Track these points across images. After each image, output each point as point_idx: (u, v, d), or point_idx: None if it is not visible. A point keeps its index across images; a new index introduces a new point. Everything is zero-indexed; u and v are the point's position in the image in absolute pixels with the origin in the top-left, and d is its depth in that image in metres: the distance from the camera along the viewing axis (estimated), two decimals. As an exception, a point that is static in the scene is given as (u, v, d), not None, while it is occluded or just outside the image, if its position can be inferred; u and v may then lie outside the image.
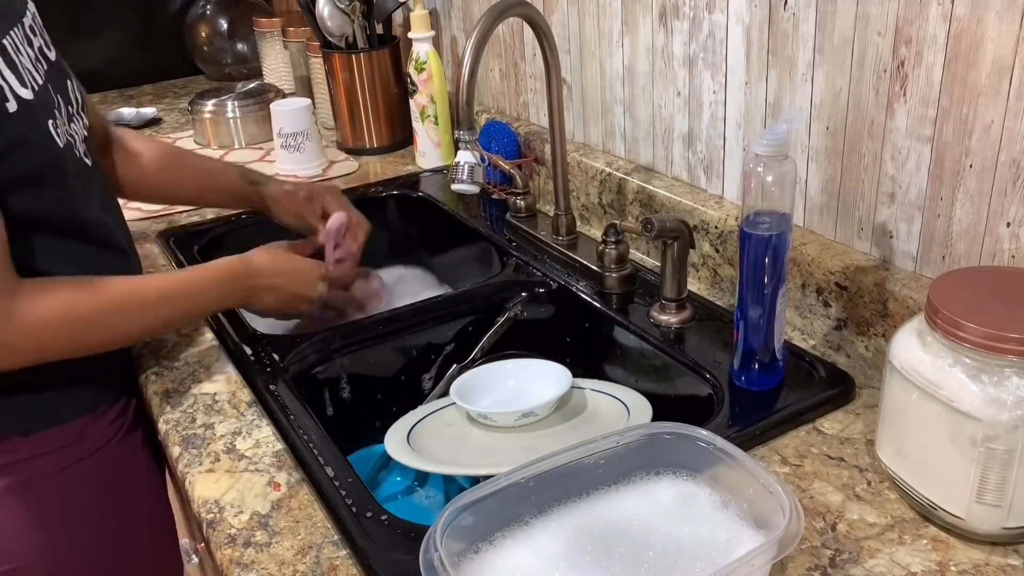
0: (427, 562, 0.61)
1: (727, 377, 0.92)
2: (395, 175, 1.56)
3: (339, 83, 1.62)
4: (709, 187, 1.13)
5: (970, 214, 0.83)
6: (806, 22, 0.93)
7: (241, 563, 0.73)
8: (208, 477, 0.84)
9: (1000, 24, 0.75)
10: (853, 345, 0.94)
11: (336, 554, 0.74)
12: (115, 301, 0.89)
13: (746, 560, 0.60)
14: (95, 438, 0.97)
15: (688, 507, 0.70)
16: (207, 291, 0.97)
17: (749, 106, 1.03)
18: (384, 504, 0.78)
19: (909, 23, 0.82)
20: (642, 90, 1.18)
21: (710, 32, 1.05)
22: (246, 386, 0.97)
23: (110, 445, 0.98)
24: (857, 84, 0.89)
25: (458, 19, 1.60)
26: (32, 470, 0.92)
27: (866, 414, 0.86)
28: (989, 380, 0.65)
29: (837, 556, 0.70)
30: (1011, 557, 0.69)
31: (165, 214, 1.41)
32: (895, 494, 0.76)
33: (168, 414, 0.94)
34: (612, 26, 1.20)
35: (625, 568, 0.65)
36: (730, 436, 0.79)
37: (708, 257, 1.10)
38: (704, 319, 1.03)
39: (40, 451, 0.92)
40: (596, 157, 1.27)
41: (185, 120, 1.92)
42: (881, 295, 0.89)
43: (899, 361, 0.71)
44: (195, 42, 2.20)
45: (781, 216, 0.83)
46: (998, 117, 0.78)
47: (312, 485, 0.81)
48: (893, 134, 0.87)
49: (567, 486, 0.71)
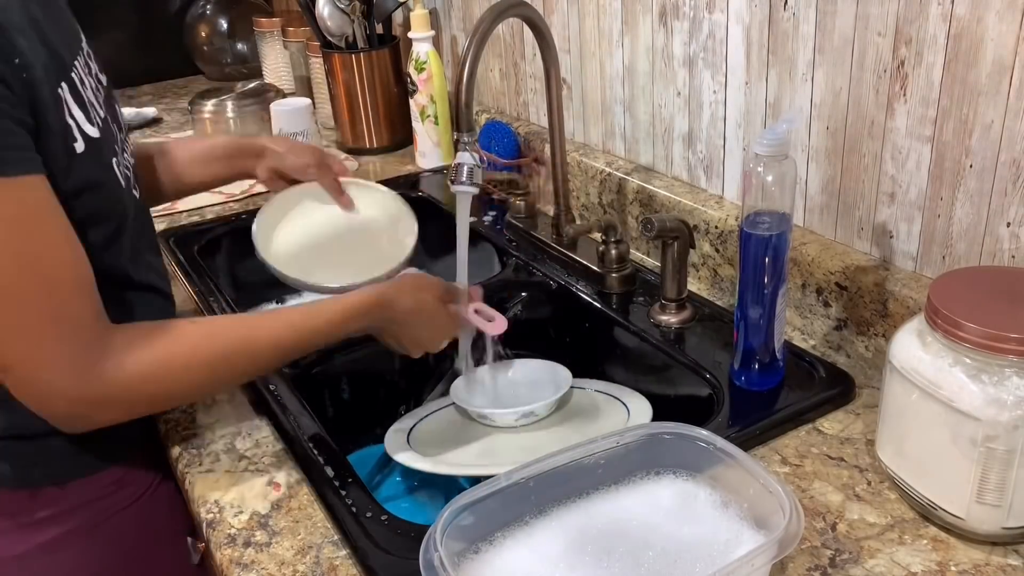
0: (427, 562, 0.61)
1: (727, 377, 0.92)
2: (395, 175, 1.56)
3: (339, 83, 1.62)
4: (709, 187, 1.13)
5: (970, 214, 0.82)
6: (806, 22, 0.93)
7: (241, 563, 0.73)
8: (208, 477, 0.84)
9: (1000, 24, 0.75)
10: (853, 345, 0.94)
11: (336, 554, 0.74)
12: (221, 352, 0.78)
13: (746, 560, 0.60)
14: (134, 486, 0.90)
15: (688, 507, 0.70)
16: (328, 332, 0.84)
17: (749, 106, 1.03)
18: (384, 504, 0.78)
19: (909, 23, 0.82)
20: (642, 90, 1.18)
21: (710, 32, 1.05)
22: (246, 386, 0.97)
23: (147, 494, 0.91)
24: (857, 84, 0.89)
25: (458, 19, 1.60)
26: (67, 524, 0.85)
27: (866, 414, 0.86)
28: (989, 380, 0.65)
29: (837, 556, 0.70)
30: (1011, 557, 0.69)
31: (165, 214, 1.42)
32: (895, 494, 0.76)
33: (168, 414, 0.94)
34: (612, 26, 1.20)
35: (625, 568, 0.65)
36: (730, 436, 0.79)
37: (708, 257, 1.10)
38: (704, 319, 1.03)
39: (77, 503, 0.85)
40: (596, 157, 1.27)
41: (185, 120, 1.92)
42: (881, 295, 0.89)
43: (899, 361, 0.71)
44: (195, 42, 2.20)
45: (781, 216, 0.83)
46: (998, 117, 0.78)
47: (312, 485, 0.81)
48: (893, 134, 0.87)
49: (567, 486, 0.71)
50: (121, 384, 0.72)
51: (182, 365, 0.75)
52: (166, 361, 0.74)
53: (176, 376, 0.76)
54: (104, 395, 0.72)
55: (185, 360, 0.76)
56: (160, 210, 1.42)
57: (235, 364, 0.79)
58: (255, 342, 0.80)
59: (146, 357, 0.73)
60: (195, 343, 0.77)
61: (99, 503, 0.87)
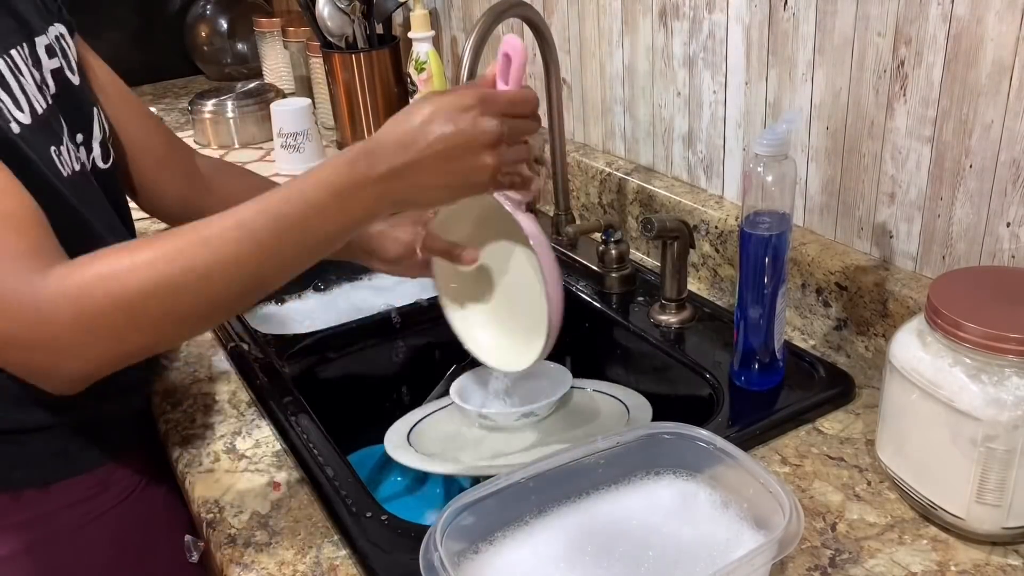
0: (427, 562, 0.61)
1: (727, 377, 0.92)
2: (395, 175, 1.55)
3: (339, 83, 1.62)
4: (709, 187, 1.13)
5: (970, 214, 0.83)
6: (806, 22, 0.93)
7: (241, 563, 0.73)
8: (208, 477, 0.84)
9: (1000, 24, 0.75)
10: (853, 345, 0.94)
11: (336, 554, 0.74)
12: (173, 243, 0.66)
13: (746, 560, 0.60)
14: (120, 486, 0.88)
15: (688, 507, 0.70)
16: (321, 207, 0.66)
17: (749, 106, 1.03)
18: (384, 504, 0.78)
19: (909, 23, 0.82)
20: (642, 90, 1.18)
21: (710, 32, 1.05)
22: (246, 386, 0.97)
23: (133, 496, 0.89)
24: (857, 84, 0.89)
25: (458, 19, 1.60)
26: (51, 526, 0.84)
27: (866, 414, 0.86)
28: (989, 380, 0.65)
29: (837, 556, 0.70)
30: (1011, 557, 0.69)
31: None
32: (895, 494, 0.76)
33: (168, 414, 0.94)
34: (612, 26, 1.20)
35: (625, 568, 0.65)
36: (730, 436, 0.79)
37: (708, 257, 1.10)
38: (704, 319, 1.03)
39: (61, 504, 0.84)
40: (596, 157, 1.27)
41: (185, 120, 1.92)
42: (881, 295, 0.89)
43: (899, 361, 0.71)
44: (195, 42, 2.20)
45: (781, 216, 0.83)
46: (998, 117, 0.78)
47: (312, 485, 0.81)
48: (893, 134, 0.87)
49: (567, 486, 0.71)
50: (73, 286, 0.64)
51: (133, 259, 0.66)
52: (114, 256, 0.66)
53: (132, 266, 0.65)
54: (56, 303, 0.64)
55: (133, 252, 0.66)
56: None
57: (193, 254, 0.66)
58: (210, 225, 0.67)
59: (94, 261, 0.66)
60: (143, 243, 0.68)
61: (83, 505, 0.86)
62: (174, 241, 0.67)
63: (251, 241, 0.66)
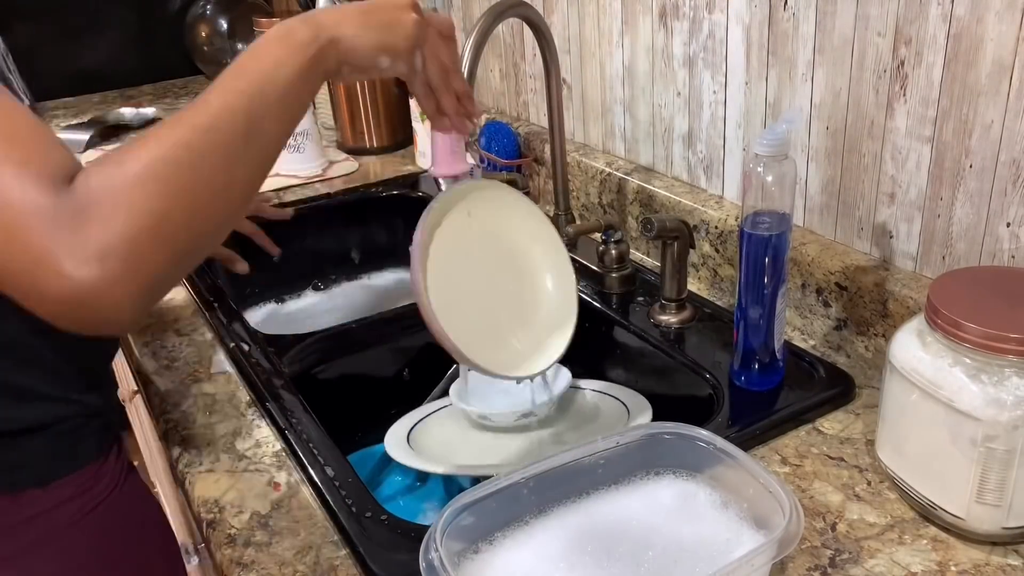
0: (427, 562, 0.61)
1: (727, 377, 0.92)
2: (395, 175, 1.56)
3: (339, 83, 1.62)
4: (709, 187, 1.13)
5: (970, 214, 0.83)
6: (806, 22, 0.93)
7: (241, 563, 0.73)
8: (208, 477, 0.84)
9: (1000, 24, 0.75)
10: (853, 345, 0.94)
11: (336, 554, 0.74)
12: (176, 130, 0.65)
13: (746, 560, 0.60)
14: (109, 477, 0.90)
15: (688, 507, 0.70)
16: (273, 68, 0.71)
17: (749, 106, 1.03)
18: (384, 504, 0.78)
19: (909, 23, 0.83)
20: (642, 90, 1.18)
21: (710, 32, 1.05)
22: (246, 386, 0.97)
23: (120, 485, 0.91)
24: (857, 84, 0.89)
25: (458, 19, 1.60)
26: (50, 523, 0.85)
27: (866, 414, 0.86)
28: (989, 380, 0.65)
29: (837, 556, 0.70)
30: (1011, 557, 0.69)
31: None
32: (895, 494, 0.76)
33: (168, 414, 0.94)
34: (612, 26, 1.20)
35: (625, 568, 0.65)
36: (730, 436, 0.79)
37: (708, 257, 1.10)
38: (704, 319, 1.03)
39: (59, 501, 0.85)
40: (596, 157, 1.27)
41: (185, 120, 1.92)
42: (881, 295, 0.89)
43: (899, 361, 0.71)
44: (195, 42, 2.20)
45: (781, 216, 0.83)
46: (998, 117, 0.78)
47: (312, 485, 0.81)
48: (893, 134, 0.87)
49: (567, 486, 0.71)
50: (102, 186, 0.59)
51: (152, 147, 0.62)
52: (134, 151, 0.62)
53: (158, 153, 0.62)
54: (87, 200, 0.58)
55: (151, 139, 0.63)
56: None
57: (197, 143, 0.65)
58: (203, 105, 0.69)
59: (113, 159, 0.61)
60: (150, 133, 0.64)
61: (79, 499, 0.87)
62: (172, 124, 0.66)
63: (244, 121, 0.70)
